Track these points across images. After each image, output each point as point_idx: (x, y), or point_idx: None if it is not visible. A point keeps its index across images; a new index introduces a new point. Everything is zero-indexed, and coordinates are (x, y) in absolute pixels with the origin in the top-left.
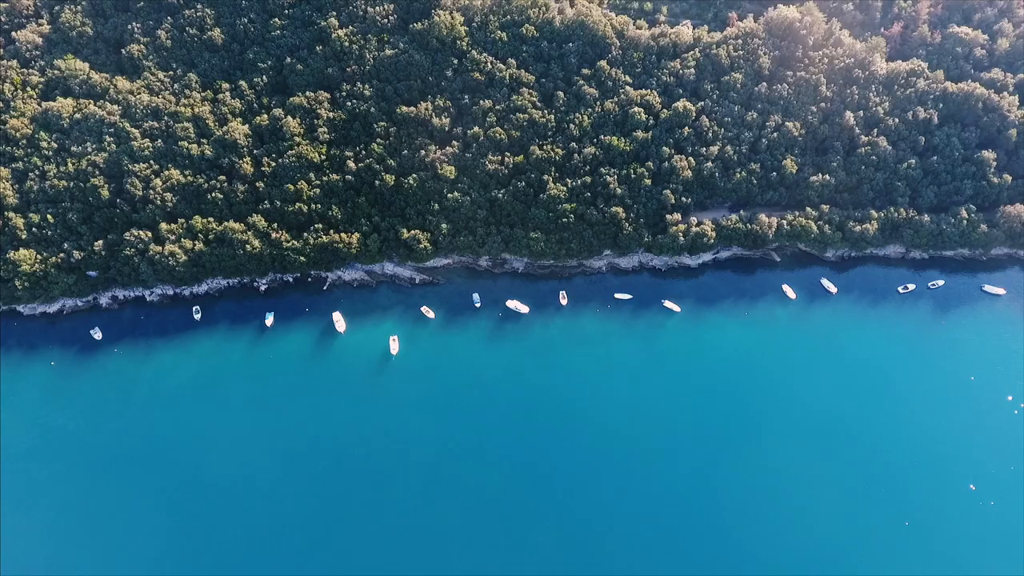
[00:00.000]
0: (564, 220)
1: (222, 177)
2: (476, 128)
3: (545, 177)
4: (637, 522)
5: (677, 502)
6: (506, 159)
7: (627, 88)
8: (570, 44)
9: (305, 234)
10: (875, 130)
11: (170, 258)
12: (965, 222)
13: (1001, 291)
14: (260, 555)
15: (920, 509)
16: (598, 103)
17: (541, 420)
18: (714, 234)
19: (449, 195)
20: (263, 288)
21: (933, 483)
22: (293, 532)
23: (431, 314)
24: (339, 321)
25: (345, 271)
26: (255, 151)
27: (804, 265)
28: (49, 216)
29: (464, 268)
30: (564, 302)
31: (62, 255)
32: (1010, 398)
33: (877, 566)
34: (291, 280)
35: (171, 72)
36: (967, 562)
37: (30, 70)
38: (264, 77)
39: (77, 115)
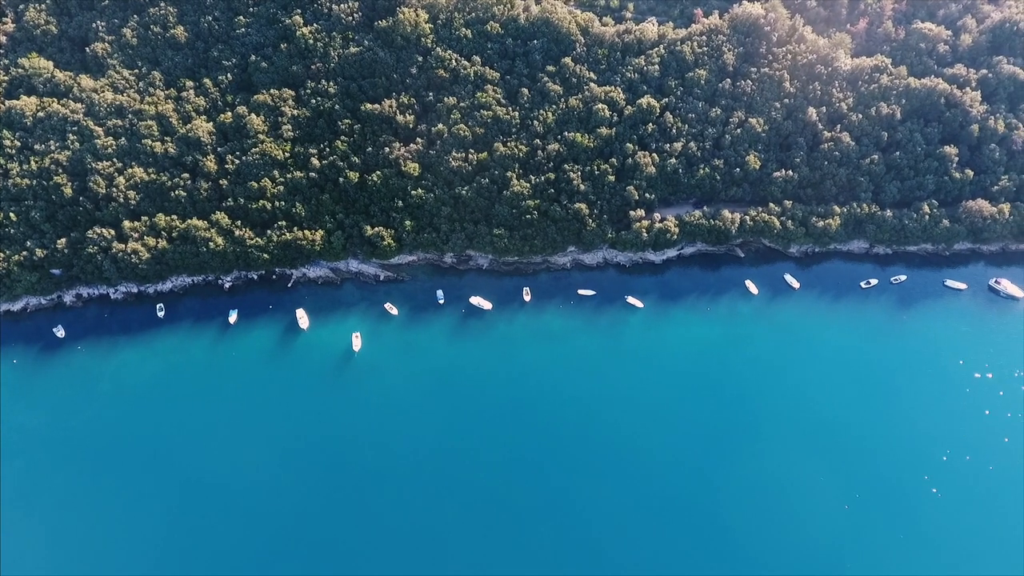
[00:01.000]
0: (528, 217)
1: (186, 175)
2: (440, 125)
3: (509, 174)
4: (602, 517)
5: (637, 497)
6: (470, 156)
7: (591, 85)
8: (535, 41)
9: (269, 231)
10: (838, 126)
11: (133, 256)
12: (927, 217)
13: (962, 286)
14: (221, 551)
15: (891, 488)
16: (562, 100)
17: (502, 415)
18: (677, 230)
19: (413, 192)
20: (227, 286)
21: (899, 463)
22: (255, 529)
23: (394, 311)
24: (302, 318)
25: (310, 268)
26: (219, 149)
27: (768, 261)
28: (12, 214)
29: (429, 265)
30: (528, 298)
31: (25, 253)
32: (978, 375)
33: (855, 550)
34: (255, 278)
35: (136, 70)
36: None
37: None
38: (228, 75)
39: (40, 113)
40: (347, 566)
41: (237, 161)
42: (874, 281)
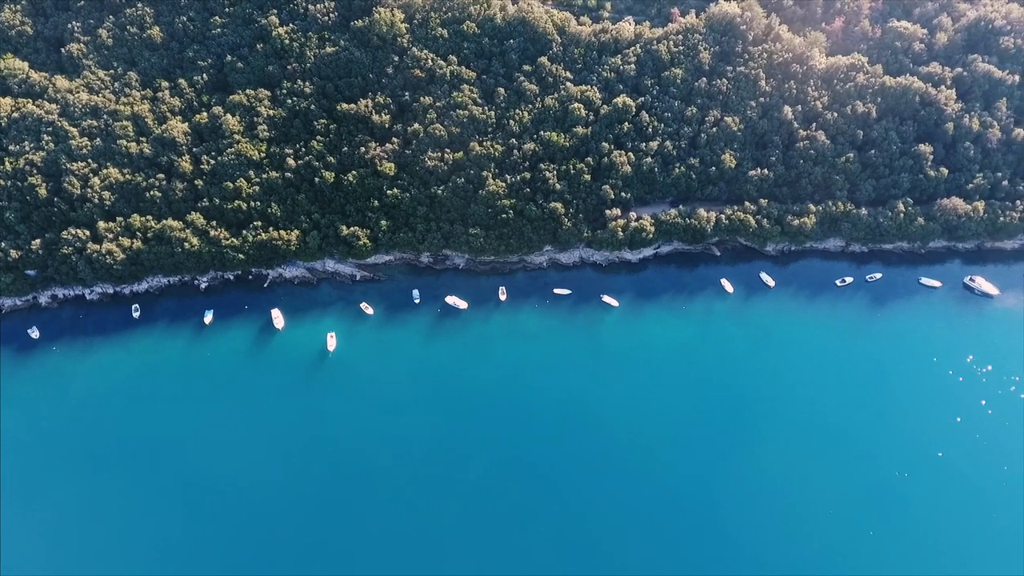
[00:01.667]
0: (503, 216)
1: (161, 175)
2: (416, 125)
3: (485, 173)
4: (576, 515)
5: (612, 495)
6: (446, 155)
7: (567, 84)
8: (511, 41)
9: (244, 232)
10: (814, 124)
11: (108, 256)
12: (902, 215)
13: (937, 284)
14: (196, 551)
15: (866, 484)
16: (538, 99)
17: (477, 414)
18: (653, 229)
19: (389, 192)
20: (203, 286)
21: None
22: (229, 528)
23: (370, 310)
24: (278, 318)
25: (286, 268)
26: (194, 149)
27: (745, 259)
28: None
29: (405, 264)
30: (503, 298)
31: None
32: (951, 371)
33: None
34: (232, 278)
35: (111, 71)
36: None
37: None
38: (204, 75)
39: (15, 114)
40: (321, 566)
41: (212, 161)
42: (849, 279)
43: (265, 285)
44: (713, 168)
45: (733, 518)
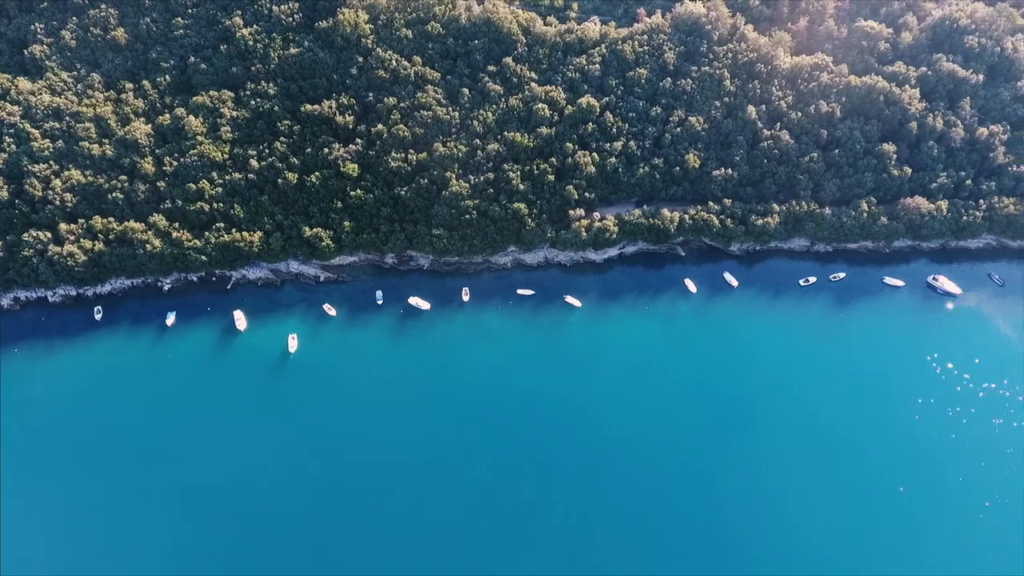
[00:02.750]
0: (467, 217)
1: (123, 177)
2: (380, 126)
3: (448, 174)
4: (539, 517)
5: (571, 496)
6: (410, 156)
7: (532, 85)
8: (476, 41)
9: (207, 233)
10: (778, 124)
11: (69, 258)
12: (865, 215)
13: (900, 283)
14: (150, 551)
15: (831, 484)
16: (503, 100)
17: (436, 414)
18: (617, 229)
19: (352, 193)
20: (166, 288)
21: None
22: (188, 529)
23: (333, 312)
24: (240, 319)
25: (250, 270)
26: (157, 151)
27: (710, 259)
28: None
29: (370, 265)
30: (466, 298)
31: None
32: (935, 367)
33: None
34: (195, 280)
35: (74, 72)
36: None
37: None
38: (168, 76)
39: None
40: (285, 567)
41: (175, 163)
42: (813, 279)
43: (228, 287)
44: (677, 168)
45: (697, 516)
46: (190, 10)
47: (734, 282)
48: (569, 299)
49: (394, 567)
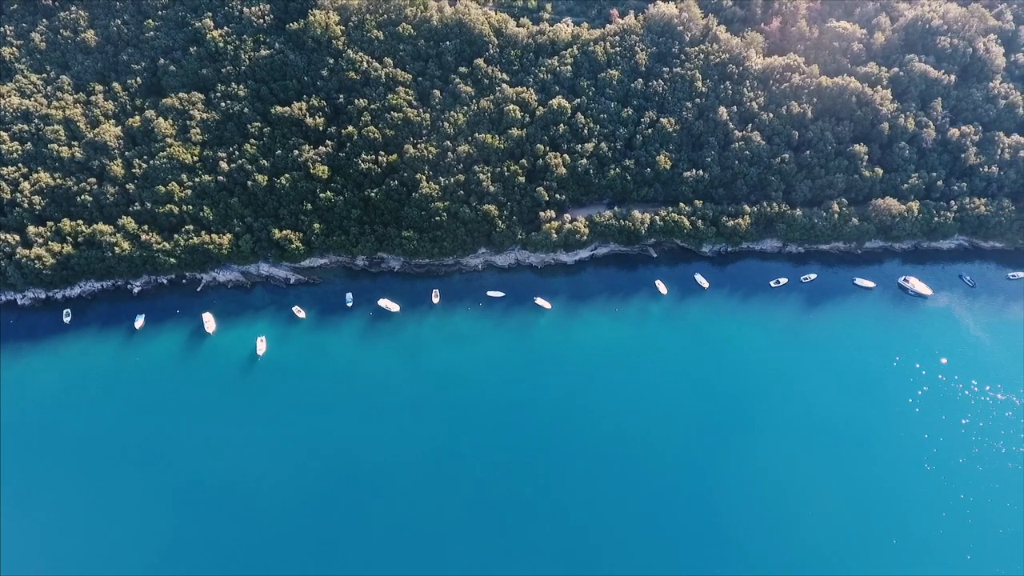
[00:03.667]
0: (437, 219)
1: (92, 179)
2: (351, 127)
3: (418, 176)
4: (505, 520)
5: (543, 500)
6: (380, 158)
7: (504, 86)
8: (447, 43)
9: (176, 236)
10: (750, 125)
11: (37, 261)
12: (836, 216)
13: (871, 284)
14: (120, 557)
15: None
16: (474, 101)
17: (403, 416)
18: (587, 231)
19: (322, 195)
20: (136, 290)
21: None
22: (155, 533)
23: (302, 314)
24: (209, 322)
25: (220, 272)
26: (126, 153)
27: (682, 261)
28: None
29: (341, 267)
30: (436, 300)
31: None
32: (903, 368)
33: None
34: (165, 282)
35: (44, 74)
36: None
37: None
38: (138, 79)
39: None
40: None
41: (144, 165)
42: (784, 280)
43: (199, 289)
44: (648, 169)
45: (665, 516)
46: (160, 12)
47: (705, 283)
48: (539, 301)
49: (362, 568)
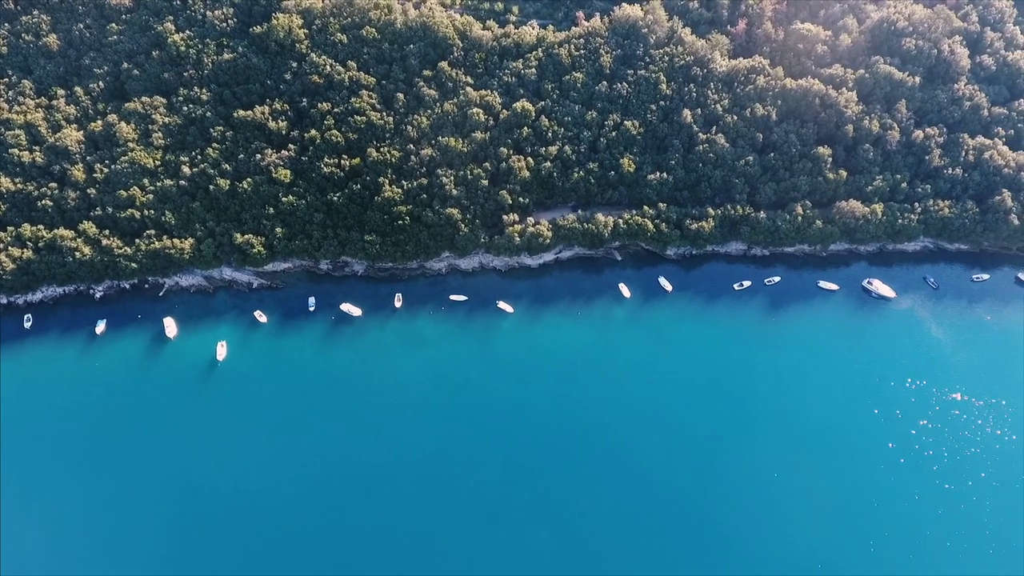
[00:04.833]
0: (399, 222)
1: (53, 184)
2: (313, 131)
3: (381, 179)
4: (476, 528)
5: (506, 505)
6: (343, 162)
7: (468, 89)
8: (411, 46)
9: (137, 240)
10: (714, 127)
11: None
12: (800, 218)
13: (834, 287)
14: (76, 563)
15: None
16: (438, 104)
17: (363, 421)
18: (551, 234)
19: (284, 199)
20: (98, 295)
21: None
22: (112, 540)
23: (264, 318)
24: (170, 327)
25: (183, 277)
26: (88, 158)
27: (647, 264)
28: None
29: (304, 272)
30: (399, 304)
31: None
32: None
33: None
34: (128, 287)
35: (5, 79)
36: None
37: None
38: (100, 83)
39: None
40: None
41: (106, 170)
42: (747, 283)
43: (161, 294)
44: (612, 172)
45: (632, 520)
46: (123, 16)
47: (668, 287)
48: (502, 305)
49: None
